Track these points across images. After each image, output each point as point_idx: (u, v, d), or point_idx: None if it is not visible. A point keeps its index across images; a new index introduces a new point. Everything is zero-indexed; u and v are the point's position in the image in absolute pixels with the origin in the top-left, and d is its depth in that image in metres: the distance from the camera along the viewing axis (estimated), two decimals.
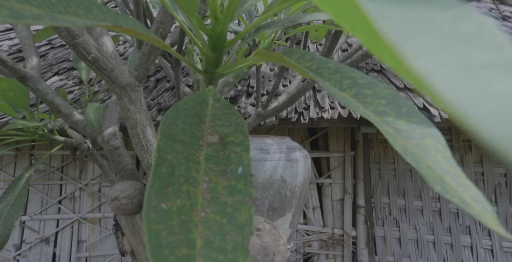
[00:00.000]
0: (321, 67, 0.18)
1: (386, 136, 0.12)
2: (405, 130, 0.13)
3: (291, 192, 0.68)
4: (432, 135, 0.13)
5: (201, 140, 0.16)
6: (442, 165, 0.12)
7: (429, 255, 1.97)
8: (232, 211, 0.12)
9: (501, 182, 1.90)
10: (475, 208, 0.10)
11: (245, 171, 0.14)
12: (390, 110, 0.14)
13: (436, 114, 1.30)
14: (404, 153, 0.11)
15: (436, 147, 0.13)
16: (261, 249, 0.46)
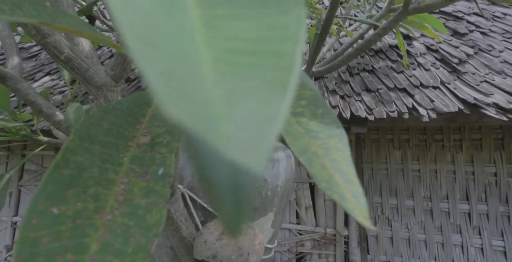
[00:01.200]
0: None
1: (285, 136, 0.12)
2: (315, 130, 0.14)
3: (272, 191, 0.68)
4: (337, 135, 0.13)
5: (131, 140, 0.16)
6: (337, 163, 0.12)
7: (420, 254, 1.99)
8: (144, 212, 0.12)
9: (491, 181, 1.92)
10: (351, 202, 0.11)
11: (166, 172, 0.14)
12: (308, 111, 0.15)
13: (425, 114, 1.32)
14: (300, 153, 0.12)
15: (338, 147, 0.13)
16: (235, 249, 0.47)
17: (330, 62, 1.08)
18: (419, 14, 1.05)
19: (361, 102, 1.53)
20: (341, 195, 0.11)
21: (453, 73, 1.62)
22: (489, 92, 1.34)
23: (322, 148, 0.13)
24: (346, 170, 0.12)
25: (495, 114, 1.18)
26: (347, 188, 0.11)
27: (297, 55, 0.06)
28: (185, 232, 0.55)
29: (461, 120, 1.45)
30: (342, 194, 0.11)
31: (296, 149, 0.12)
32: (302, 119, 0.14)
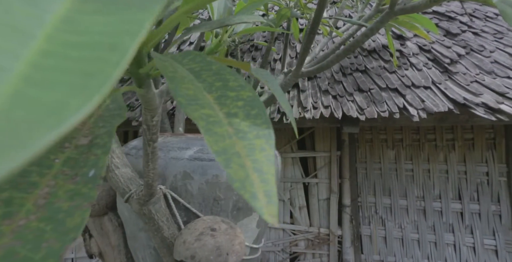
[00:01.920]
0: (203, 69, 0.18)
1: (208, 137, 0.12)
2: (245, 131, 0.14)
3: None
4: (265, 135, 0.13)
5: (69, 142, 0.16)
6: (258, 163, 0.12)
7: (413, 253, 2.00)
8: (64, 216, 0.12)
9: (483, 181, 1.94)
10: (261, 201, 0.11)
11: (97, 174, 0.14)
12: (242, 112, 0.15)
13: (415, 114, 1.32)
14: (219, 153, 0.12)
15: (263, 147, 0.13)
16: (214, 249, 0.47)
17: (320, 62, 1.08)
18: (411, 15, 1.06)
19: (353, 102, 1.53)
20: (253, 194, 0.11)
21: (444, 73, 1.63)
22: (479, 92, 1.34)
23: (247, 148, 0.13)
24: (265, 170, 0.12)
25: (484, 114, 1.19)
26: (261, 187, 0.11)
27: (130, 50, 0.06)
28: (167, 232, 0.55)
29: (452, 120, 1.46)
30: (254, 193, 0.11)
31: (216, 149, 0.12)
32: (234, 120, 0.14)
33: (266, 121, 0.14)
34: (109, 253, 0.74)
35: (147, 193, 0.49)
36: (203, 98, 0.15)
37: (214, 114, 0.14)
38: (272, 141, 0.13)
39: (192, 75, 0.17)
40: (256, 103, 0.15)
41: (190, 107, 0.13)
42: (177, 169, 0.60)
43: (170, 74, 0.15)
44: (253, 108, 0.15)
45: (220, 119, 0.14)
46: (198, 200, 0.62)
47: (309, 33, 0.96)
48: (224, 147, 0.12)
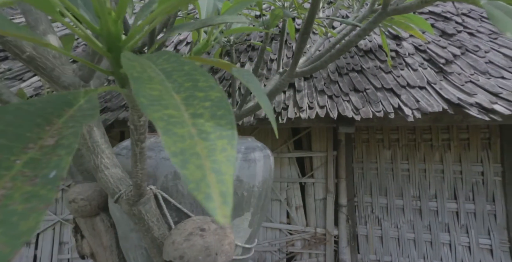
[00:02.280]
0: (175, 69, 0.18)
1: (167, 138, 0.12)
2: (208, 132, 0.14)
3: (248, 192, 0.68)
4: (228, 136, 0.13)
5: (34, 142, 0.16)
6: (217, 163, 0.12)
7: (410, 253, 2.00)
8: (18, 219, 0.12)
9: (478, 180, 1.95)
10: (216, 201, 0.11)
11: (58, 175, 0.14)
12: (208, 112, 0.15)
13: (410, 114, 1.33)
14: (176, 154, 0.12)
15: (224, 147, 0.13)
16: (203, 249, 0.47)
17: (314, 62, 1.09)
18: (406, 15, 1.06)
19: (348, 103, 1.54)
20: (207, 195, 0.11)
21: (439, 74, 1.63)
22: (473, 92, 1.35)
23: (208, 149, 0.13)
24: (224, 170, 0.12)
25: (477, 114, 1.20)
26: (217, 188, 0.11)
27: None
28: (157, 233, 0.55)
29: (446, 120, 1.46)
30: (209, 194, 0.11)
31: (174, 150, 0.12)
32: (199, 121, 0.14)
33: (230, 122, 0.14)
34: (101, 254, 0.74)
35: (136, 193, 0.49)
36: (169, 99, 0.15)
37: (178, 115, 0.14)
38: (234, 141, 0.13)
39: (163, 76, 0.17)
40: (223, 104, 0.15)
41: (152, 108, 0.13)
42: (168, 169, 0.60)
43: (135, 74, 0.14)
44: (219, 109, 0.15)
45: (184, 120, 0.14)
46: (189, 200, 0.61)
47: (303, 33, 0.96)
48: (183, 147, 0.12)
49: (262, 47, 1.19)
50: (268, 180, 0.75)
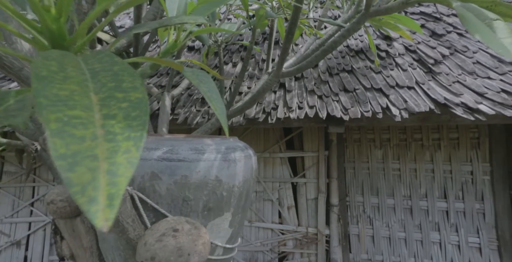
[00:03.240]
0: (104, 69, 0.18)
1: (57, 140, 0.12)
2: (116, 133, 0.14)
3: (228, 192, 0.68)
4: (136, 137, 0.13)
5: None
6: (115, 165, 0.12)
7: (400, 252, 2.02)
8: None
9: (467, 180, 1.96)
10: (101, 204, 0.11)
11: None
12: (122, 113, 0.15)
13: (397, 114, 1.33)
14: (64, 157, 0.12)
15: (129, 149, 0.13)
16: (175, 250, 0.46)
17: (300, 63, 1.09)
18: (395, 16, 1.07)
19: (338, 103, 1.54)
20: (92, 198, 0.11)
21: (428, 74, 1.65)
22: (459, 92, 1.36)
23: (109, 151, 0.13)
24: (121, 172, 0.12)
25: (463, 114, 1.21)
26: (106, 191, 0.11)
27: None
28: (132, 234, 0.55)
29: (434, 120, 1.47)
30: (94, 197, 0.11)
31: (62, 152, 0.12)
32: (110, 122, 0.14)
33: (142, 124, 0.14)
34: (81, 255, 0.73)
35: None
36: (81, 100, 0.15)
37: (86, 116, 0.14)
38: (141, 143, 0.13)
39: (89, 75, 0.17)
40: (141, 105, 0.15)
41: (50, 109, 0.13)
42: (145, 169, 0.60)
43: (44, 73, 0.14)
44: (135, 110, 0.15)
45: (92, 121, 0.14)
46: (166, 201, 0.61)
47: (287, 34, 0.96)
48: (78, 149, 0.12)
49: (249, 47, 1.19)
50: (250, 180, 0.75)
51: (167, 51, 0.41)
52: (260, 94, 1.15)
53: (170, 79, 1.42)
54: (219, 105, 0.26)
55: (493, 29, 0.52)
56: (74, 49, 0.25)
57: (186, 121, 1.57)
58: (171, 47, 0.41)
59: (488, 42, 0.49)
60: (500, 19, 0.53)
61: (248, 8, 1.05)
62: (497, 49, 0.48)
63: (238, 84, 1.24)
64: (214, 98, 0.27)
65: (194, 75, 0.27)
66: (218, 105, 0.26)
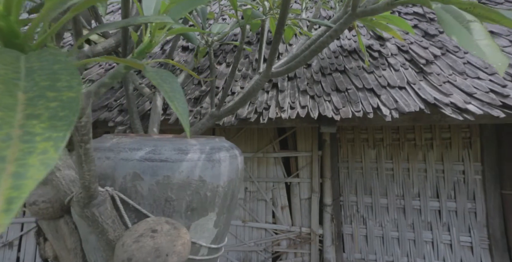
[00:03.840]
0: (42, 68, 0.18)
1: None
2: (36, 133, 0.13)
3: (212, 192, 0.68)
4: (57, 138, 0.13)
5: None
6: (25, 167, 0.12)
7: (393, 251, 2.02)
8: None
9: (459, 179, 1.98)
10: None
11: None
12: (48, 113, 0.14)
13: (388, 114, 1.34)
14: None
15: (46, 150, 0.13)
16: (152, 251, 0.46)
17: (289, 63, 1.09)
18: (387, 16, 1.07)
19: (329, 103, 1.55)
20: None
21: (420, 74, 1.65)
22: (449, 92, 1.37)
23: (23, 152, 0.12)
24: (30, 175, 0.12)
25: (451, 114, 1.21)
26: (7, 194, 0.11)
27: None
28: (112, 235, 0.55)
29: (425, 119, 1.48)
30: None
31: None
32: (31, 122, 0.14)
33: (68, 124, 0.14)
34: (65, 257, 0.73)
35: (86, 195, 0.48)
36: (3, 99, 0.14)
37: (5, 116, 0.14)
38: (62, 143, 0.13)
39: (24, 73, 0.17)
40: (72, 105, 0.15)
41: None
42: (127, 170, 0.60)
43: None
44: (64, 110, 0.15)
45: (10, 121, 0.14)
46: (148, 201, 0.61)
47: (275, 34, 0.96)
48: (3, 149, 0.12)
49: (239, 47, 1.19)
50: (235, 180, 0.75)
51: (142, 51, 0.40)
52: (251, 94, 1.15)
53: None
54: (181, 105, 0.26)
55: (470, 31, 0.52)
56: (31, 47, 0.25)
57: (178, 121, 1.56)
58: (146, 47, 0.41)
59: (463, 43, 0.49)
60: (477, 21, 0.53)
61: (237, 8, 1.05)
62: (472, 50, 0.49)
63: (229, 84, 1.24)
64: (176, 98, 0.27)
65: (157, 75, 0.27)
66: (180, 105, 0.26)
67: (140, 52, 0.41)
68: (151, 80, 0.25)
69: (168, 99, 0.25)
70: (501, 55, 0.48)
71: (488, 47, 0.49)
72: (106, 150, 0.62)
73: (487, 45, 0.49)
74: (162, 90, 0.25)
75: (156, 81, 0.26)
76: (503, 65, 0.47)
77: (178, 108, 0.25)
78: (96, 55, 1.00)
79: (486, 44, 0.49)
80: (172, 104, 0.25)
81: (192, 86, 1.94)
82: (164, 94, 0.25)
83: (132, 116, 1.22)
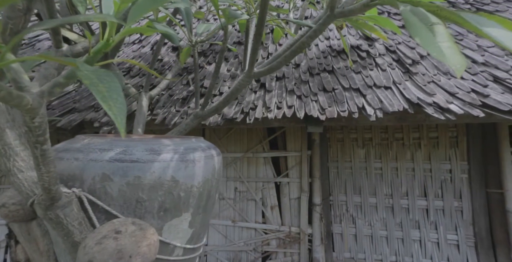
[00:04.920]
0: None
1: None
2: None
3: (186, 192, 0.67)
4: None
5: None
6: None
7: (382, 250, 2.04)
8: None
9: (446, 178, 2.00)
10: None
11: None
12: None
13: (372, 114, 1.35)
14: None
15: None
16: (114, 252, 0.46)
17: (271, 63, 1.09)
18: (372, 16, 1.08)
19: (316, 102, 1.55)
20: None
21: (406, 74, 1.67)
22: (433, 92, 1.38)
23: None
24: None
25: (433, 113, 1.23)
26: None
27: None
28: (78, 237, 0.54)
29: (411, 119, 1.49)
30: None
31: None
32: None
33: None
34: (37, 259, 0.71)
35: (47, 197, 0.48)
36: None
37: None
38: None
39: None
40: None
41: None
42: (96, 171, 0.59)
43: None
44: None
45: None
46: (119, 202, 0.60)
47: (255, 34, 0.96)
48: None
49: (222, 48, 1.19)
50: (211, 180, 0.75)
51: (99, 50, 0.40)
52: (234, 94, 1.15)
53: (147, 80, 1.41)
54: (117, 105, 0.26)
55: (434, 33, 0.53)
56: None
57: (164, 121, 1.56)
58: (103, 46, 0.40)
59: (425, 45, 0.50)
60: (441, 23, 0.54)
61: (218, 8, 1.04)
62: (433, 52, 0.49)
63: (212, 84, 1.23)
64: (113, 98, 0.26)
65: (92, 75, 0.27)
66: (116, 105, 0.26)
67: (97, 51, 0.40)
68: (82, 80, 0.25)
69: (101, 99, 0.24)
70: (460, 58, 0.49)
71: (449, 49, 0.50)
72: (75, 151, 0.61)
73: (448, 48, 0.50)
74: (94, 91, 0.25)
75: (90, 81, 0.25)
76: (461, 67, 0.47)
77: (113, 109, 0.25)
78: (76, 55, 0.98)
79: (447, 47, 0.50)
80: (105, 105, 0.24)
81: (180, 86, 1.93)
82: (96, 94, 0.25)
83: None
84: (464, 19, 0.51)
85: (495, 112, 1.18)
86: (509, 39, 0.47)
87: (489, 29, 0.48)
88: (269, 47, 2.27)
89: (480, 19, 0.52)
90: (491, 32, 0.48)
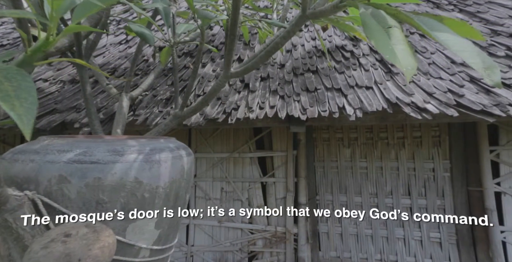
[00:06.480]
0: None
1: None
2: None
3: (151, 193, 0.66)
4: None
5: None
6: None
7: (367, 249, 2.06)
8: None
9: (429, 176, 2.03)
10: None
11: None
12: None
13: (351, 113, 1.36)
14: None
15: None
16: (62, 256, 0.45)
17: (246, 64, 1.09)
18: (355, 17, 1.08)
19: (298, 103, 1.55)
20: None
21: (388, 74, 1.68)
22: (412, 92, 1.40)
23: None
24: None
25: (410, 113, 1.24)
26: None
27: None
28: (30, 241, 0.53)
29: (392, 119, 1.51)
30: None
31: None
32: None
33: None
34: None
35: None
36: None
37: None
38: None
39: None
40: None
41: None
42: (52, 172, 0.58)
43: None
44: None
45: None
46: (77, 204, 0.59)
47: (229, 35, 0.96)
48: None
49: (199, 48, 1.18)
50: (179, 181, 0.74)
51: (38, 49, 0.39)
52: (212, 94, 1.14)
53: (128, 80, 1.39)
54: (24, 105, 0.25)
55: (390, 35, 0.54)
56: None
57: (145, 122, 1.54)
58: (43, 45, 0.39)
59: (380, 47, 0.50)
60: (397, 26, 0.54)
61: (194, 8, 1.04)
62: (386, 54, 0.50)
63: (190, 85, 1.22)
64: (21, 97, 0.25)
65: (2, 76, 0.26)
66: (22, 105, 0.25)
67: (35, 50, 0.39)
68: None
69: (1, 98, 0.23)
70: (412, 60, 0.49)
71: (402, 51, 0.50)
72: (31, 153, 0.59)
73: (402, 50, 0.50)
74: None
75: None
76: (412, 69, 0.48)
77: (18, 109, 0.24)
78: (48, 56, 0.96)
79: (401, 49, 0.50)
80: (6, 104, 0.23)
81: (165, 86, 1.91)
82: None
83: (91, 117, 1.19)
84: (417, 22, 0.51)
85: (468, 111, 1.20)
86: (455, 43, 0.48)
87: (439, 33, 0.49)
88: (255, 47, 2.27)
89: (432, 22, 0.52)
90: (440, 36, 0.48)
